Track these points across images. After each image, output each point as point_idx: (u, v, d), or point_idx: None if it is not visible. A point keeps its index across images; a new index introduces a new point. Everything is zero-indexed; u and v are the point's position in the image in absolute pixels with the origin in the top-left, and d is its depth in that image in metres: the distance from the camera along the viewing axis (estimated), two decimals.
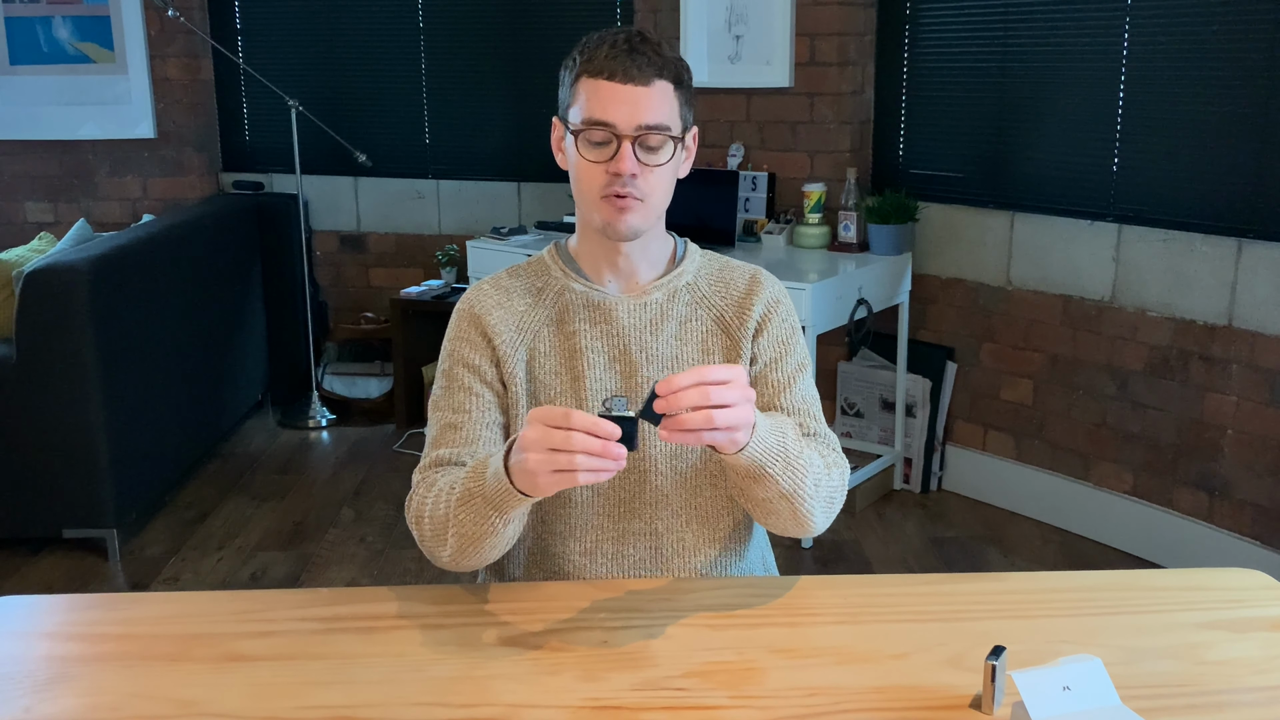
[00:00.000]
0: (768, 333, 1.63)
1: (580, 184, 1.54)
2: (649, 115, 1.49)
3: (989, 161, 3.88)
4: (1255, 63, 3.16)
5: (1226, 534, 3.38)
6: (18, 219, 5.09)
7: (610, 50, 1.49)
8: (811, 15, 4.04)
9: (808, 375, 1.65)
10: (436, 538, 1.47)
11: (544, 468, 1.26)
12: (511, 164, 4.97)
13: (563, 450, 1.24)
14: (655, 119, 1.50)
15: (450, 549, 1.46)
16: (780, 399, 1.61)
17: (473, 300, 1.63)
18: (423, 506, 1.50)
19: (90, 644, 1.39)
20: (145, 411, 3.70)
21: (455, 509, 1.42)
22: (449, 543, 1.45)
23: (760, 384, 1.62)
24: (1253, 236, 3.22)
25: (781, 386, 1.61)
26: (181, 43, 4.95)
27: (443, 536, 1.46)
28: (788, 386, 1.61)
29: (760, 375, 1.62)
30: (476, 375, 1.60)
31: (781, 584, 1.53)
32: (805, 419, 1.60)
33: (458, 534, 1.43)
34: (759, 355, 1.62)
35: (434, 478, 1.52)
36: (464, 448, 1.56)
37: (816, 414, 1.62)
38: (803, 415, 1.60)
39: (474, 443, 1.57)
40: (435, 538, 1.48)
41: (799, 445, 1.44)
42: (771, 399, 1.61)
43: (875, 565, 3.54)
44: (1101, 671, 1.23)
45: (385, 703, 1.26)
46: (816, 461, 1.49)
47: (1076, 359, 3.69)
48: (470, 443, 1.57)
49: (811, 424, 1.61)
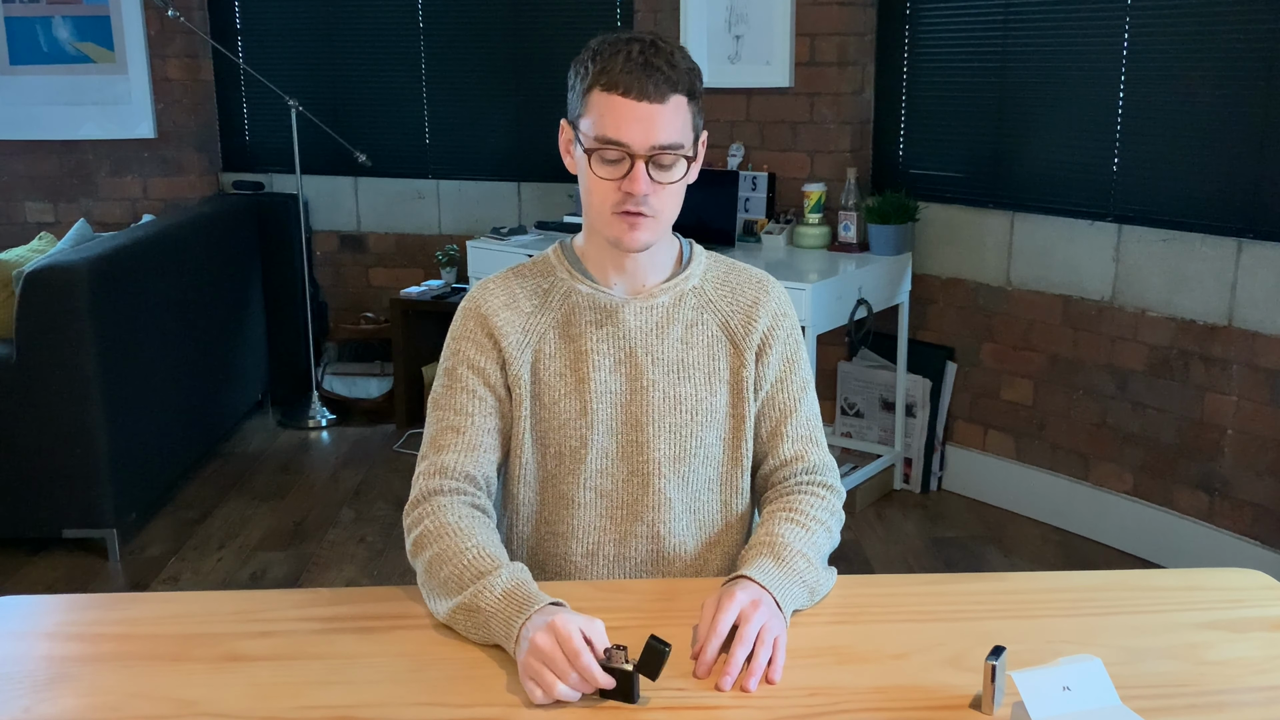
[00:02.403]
0: (774, 350, 1.63)
1: (591, 197, 1.53)
2: (663, 135, 1.48)
3: (989, 161, 3.88)
4: (1255, 63, 3.16)
5: (1226, 534, 3.38)
6: (18, 219, 5.09)
7: (625, 63, 1.47)
8: (811, 15, 4.04)
9: (811, 392, 1.67)
10: (420, 573, 1.49)
11: (527, 674, 1.28)
12: (511, 164, 4.97)
13: (554, 673, 1.25)
14: (669, 138, 1.49)
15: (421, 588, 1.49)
16: (786, 425, 1.63)
17: (479, 299, 1.63)
18: (424, 541, 1.49)
19: (90, 644, 1.39)
20: (145, 411, 3.70)
21: (445, 596, 1.42)
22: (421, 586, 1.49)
23: (767, 405, 1.64)
24: (1253, 236, 3.22)
25: (787, 412, 1.63)
26: (181, 43, 4.95)
27: (425, 582, 1.48)
28: (794, 412, 1.64)
29: (768, 397, 1.63)
30: (480, 377, 1.59)
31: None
32: (808, 447, 1.63)
33: (430, 594, 1.46)
34: (765, 375, 1.63)
35: (441, 511, 1.51)
36: (466, 454, 1.56)
37: (819, 439, 1.66)
38: (805, 444, 1.63)
39: (476, 449, 1.57)
40: (421, 573, 1.49)
41: (815, 572, 1.49)
42: (778, 424, 1.63)
43: (875, 565, 3.54)
44: (1101, 671, 1.23)
45: (385, 703, 1.26)
46: (824, 545, 1.55)
47: (1076, 359, 3.69)
48: (472, 449, 1.57)
49: (813, 454, 1.64)
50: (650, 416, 1.59)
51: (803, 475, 1.62)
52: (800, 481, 1.61)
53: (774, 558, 1.45)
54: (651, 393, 1.59)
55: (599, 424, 1.59)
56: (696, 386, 1.60)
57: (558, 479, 1.61)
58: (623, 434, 1.59)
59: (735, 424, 1.62)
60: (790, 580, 1.44)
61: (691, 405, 1.60)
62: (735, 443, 1.63)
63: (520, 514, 1.64)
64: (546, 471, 1.62)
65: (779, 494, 1.61)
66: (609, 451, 1.60)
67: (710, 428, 1.61)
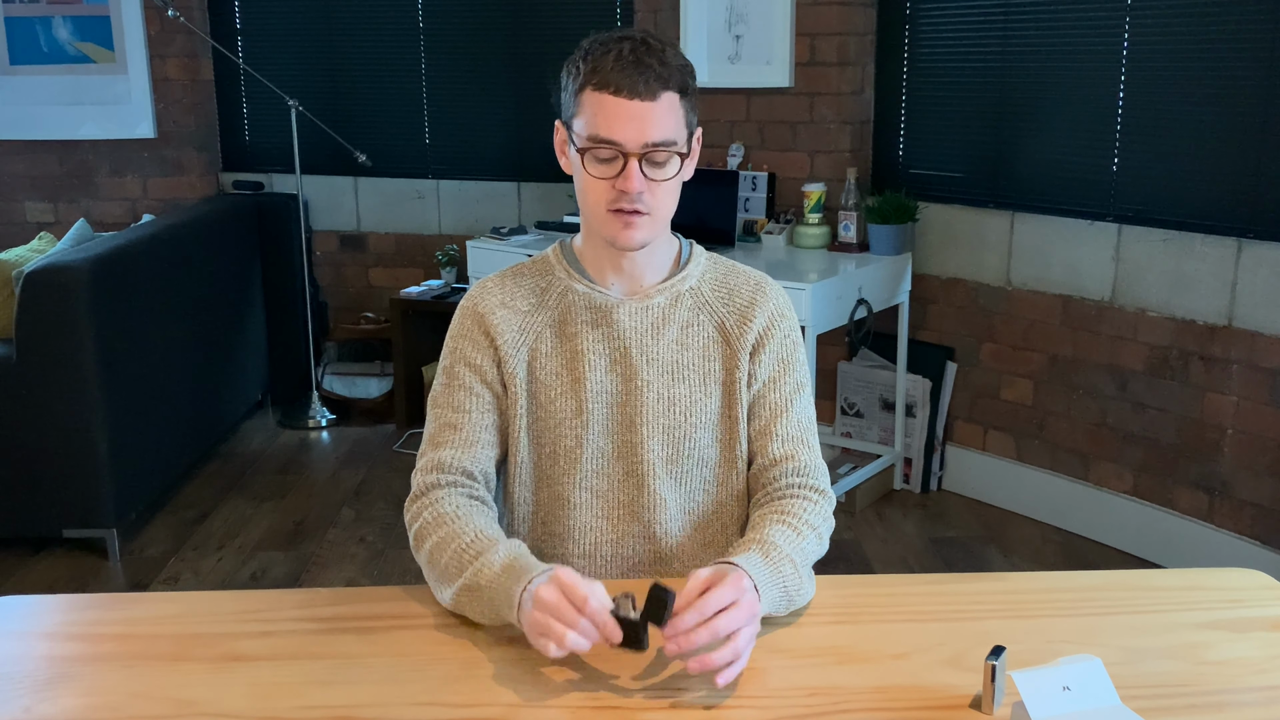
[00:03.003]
0: (768, 349, 1.62)
1: (587, 197, 1.53)
2: (656, 132, 1.48)
3: (989, 161, 3.88)
4: (1255, 63, 3.16)
5: (1226, 534, 3.38)
6: (18, 219, 5.09)
7: (616, 62, 1.46)
8: (811, 15, 4.04)
9: (806, 395, 1.65)
10: (424, 565, 1.51)
11: (536, 630, 1.28)
12: (511, 164, 4.97)
13: (563, 623, 1.26)
14: (662, 135, 1.48)
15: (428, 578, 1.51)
16: (776, 425, 1.61)
17: (477, 298, 1.63)
18: (424, 533, 1.51)
19: (90, 644, 1.39)
20: (145, 411, 3.70)
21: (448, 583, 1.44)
22: (427, 579, 1.50)
23: (758, 405, 1.62)
24: (1253, 236, 3.22)
25: (778, 411, 1.61)
26: (181, 43, 4.95)
27: (429, 574, 1.49)
28: (784, 411, 1.61)
29: (759, 395, 1.62)
30: (478, 375, 1.60)
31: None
32: (798, 448, 1.60)
33: (435, 584, 1.48)
34: (757, 373, 1.61)
35: (439, 503, 1.52)
36: (463, 450, 1.57)
37: (811, 441, 1.63)
38: (795, 444, 1.60)
39: (473, 445, 1.58)
40: (424, 566, 1.50)
41: (798, 579, 1.45)
42: (768, 423, 1.61)
43: (875, 565, 3.54)
44: (1101, 671, 1.23)
45: (385, 703, 1.26)
46: (813, 552, 1.52)
47: (1076, 359, 3.69)
48: (469, 445, 1.57)
49: (803, 455, 1.60)
50: (644, 417, 1.59)
51: (793, 476, 1.59)
52: (791, 484, 1.58)
53: (763, 556, 1.42)
54: (646, 393, 1.58)
55: (594, 424, 1.59)
56: (691, 388, 1.60)
57: (554, 479, 1.61)
58: (618, 434, 1.59)
59: (730, 425, 1.62)
60: (773, 583, 1.40)
61: (685, 406, 1.60)
62: (730, 444, 1.62)
63: (518, 514, 1.65)
64: (543, 471, 1.62)
65: (770, 496, 1.58)
66: (604, 452, 1.60)
67: (705, 429, 1.61)
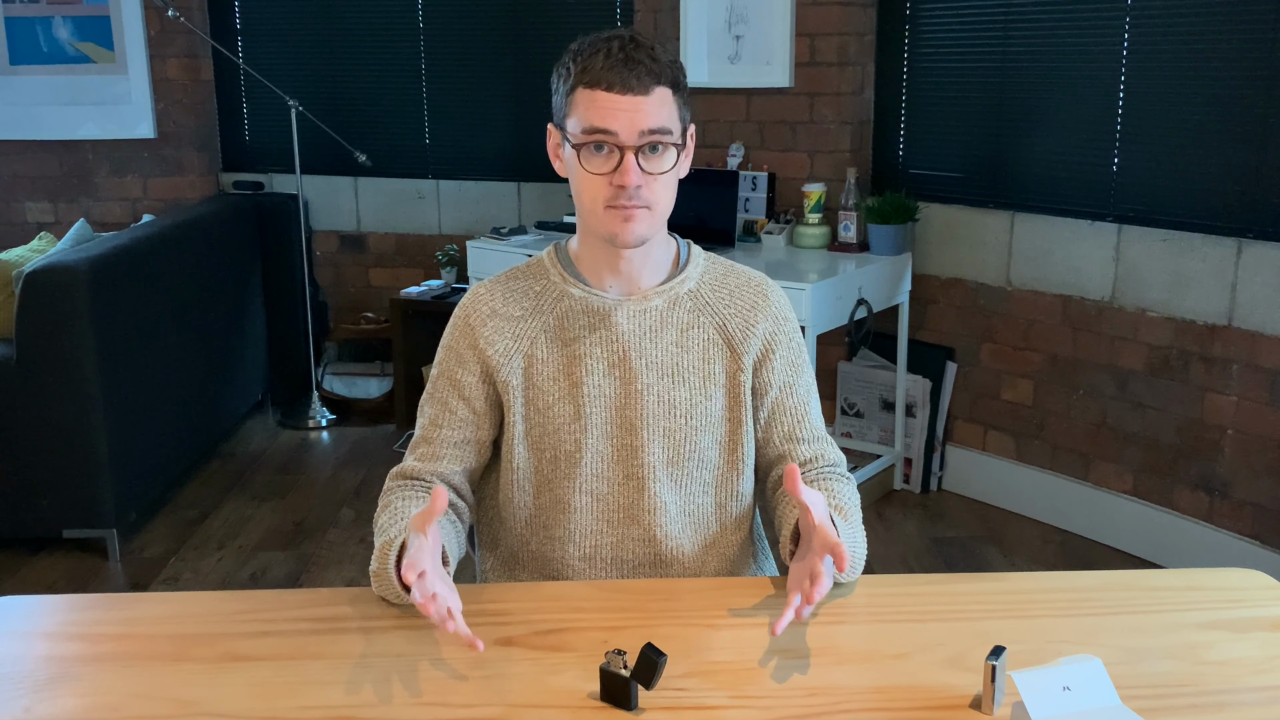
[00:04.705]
0: (778, 355, 1.63)
1: (583, 194, 1.53)
2: (650, 121, 1.48)
3: (989, 161, 3.88)
4: (1255, 63, 3.16)
5: (1226, 534, 3.38)
6: (18, 219, 5.09)
7: (606, 60, 1.47)
8: (811, 15, 4.04)
9: (815, 392, 1.69)
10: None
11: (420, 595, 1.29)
12: (511, 164, 4.97)
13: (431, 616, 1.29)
14: (657, 123, 1.48)
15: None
16: (800, 429, 1.64)
17: (469, 308, 1.63)
18: (378, 519, 1.58)
19: (90, 644, 1.39)
20: (145, 411, 3.70)
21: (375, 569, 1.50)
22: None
23: (778, 411, 1.64)
24: (1253, 236, 3.22)
25: (800, 416, 1.65)
26: (181, 43, 4.95)
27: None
28: (806, 415, 1.66)
29: (777, 402, 1.64)
30: (457, 392, 1.61)
31: (781, 584, 1.53)
32: (824, 448, 1.66)
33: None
34: (772, 381, 1.63)
35: (392, 495, 1.59)
36: (428, 464, 1.61)
37: (829, 437, 1.69)
38: (821, 444, 1.66)
39: (438, 460, 1.61)
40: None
41: (853, 532, 1.53)
42: (792, 429, 1.64)
43: (875, 565, 3.54)
44: (1101, 671, 1.23)
45: (385, 703, 1.26)
46: (855, 512, 1.60)
47: (1076, 359, 3.69)
48: (434, 459, 1.61)
49: (830, 452, 1.67)
50: (644, 420, 1.58)
51: (826, 469, 1.64)
52: (825, 475, 1.64)
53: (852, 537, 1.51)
54: (645, 396, 1.58)
55: (593, 428, 1.58)
56: (691, 390, 1.60)
57: (553, 483, 1.61)
58: (617, 438, 1.59)
59: (732, 428, 1.62)
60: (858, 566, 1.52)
61: (686, 409, 1.60)
62: (732, 446, 1.63)
63: (517, 517, 1.64)
64: (542, 475, 1.62)
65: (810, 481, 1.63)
66: (604, 455, 1.59)
67: (705, 432, 1.61)
